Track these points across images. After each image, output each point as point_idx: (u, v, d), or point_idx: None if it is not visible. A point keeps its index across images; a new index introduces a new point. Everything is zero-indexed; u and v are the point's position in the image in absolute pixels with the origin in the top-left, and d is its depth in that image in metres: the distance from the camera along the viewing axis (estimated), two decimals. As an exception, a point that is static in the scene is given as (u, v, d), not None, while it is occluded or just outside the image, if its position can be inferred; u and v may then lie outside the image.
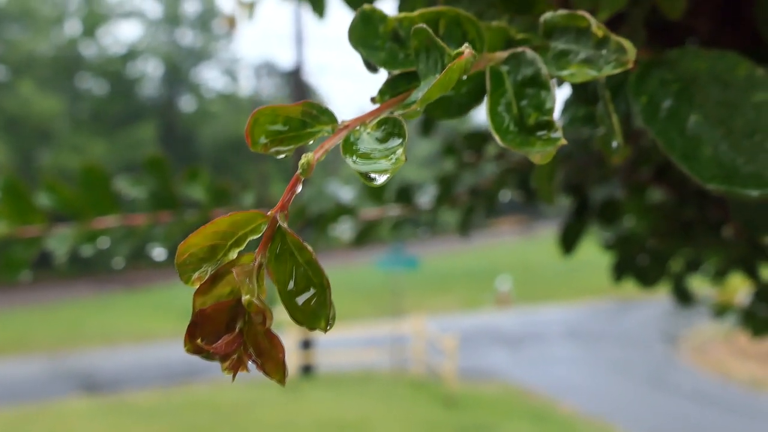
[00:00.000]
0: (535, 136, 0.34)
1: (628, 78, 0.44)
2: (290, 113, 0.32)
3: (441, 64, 0.31)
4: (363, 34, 0.36)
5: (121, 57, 27.22)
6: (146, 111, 27.48)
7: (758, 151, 0.40)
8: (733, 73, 0.43)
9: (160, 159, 1.24)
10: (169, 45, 28.74)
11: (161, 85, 28.92)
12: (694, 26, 0.85)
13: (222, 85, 32.03)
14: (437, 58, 0.32)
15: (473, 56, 0.31)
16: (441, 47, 0.31)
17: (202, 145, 27.56)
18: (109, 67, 26.67)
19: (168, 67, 28.31)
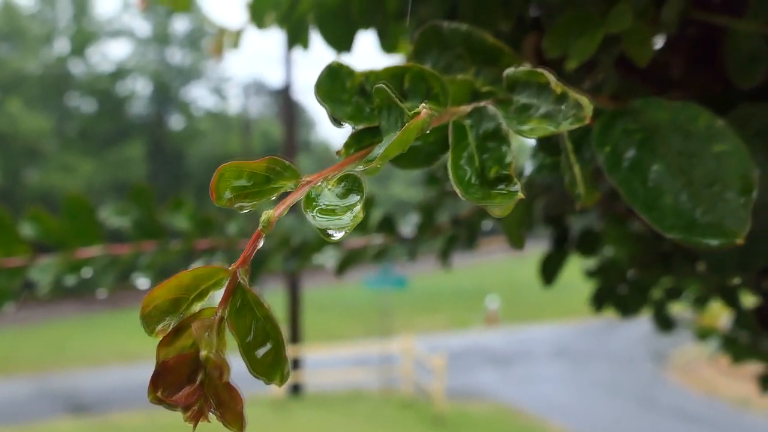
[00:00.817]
0: (495, 190, 0.35)
1: (593, 127, 0.45)
2: (254, 169, 0.33)
3: (401, 122, 0.32)
4: (330, 88, 0.37)
5: (110, 75, 27.25)
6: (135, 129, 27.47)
7: (717, 201, 0.41)
8: (694, 123, 0.44)
9: (144, 189, 1.25)
10: (158, 63, 28.78)
11: (150, 103, 28.93)
12: (671, 62, 0.86)
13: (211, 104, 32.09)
14: (397, 116, 0.32)
15: (430, 116, 0.32)
16: (400, 107, 0.32)
17: (190, 163, 27.55)
18: (98, 86, 26.67)
19: (157, 86, 28.34)
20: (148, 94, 28.87)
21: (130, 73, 28.03)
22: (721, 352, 1.59)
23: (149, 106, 29.05)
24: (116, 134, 26.02)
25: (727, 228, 0.40)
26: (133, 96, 28.34)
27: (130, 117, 28.09)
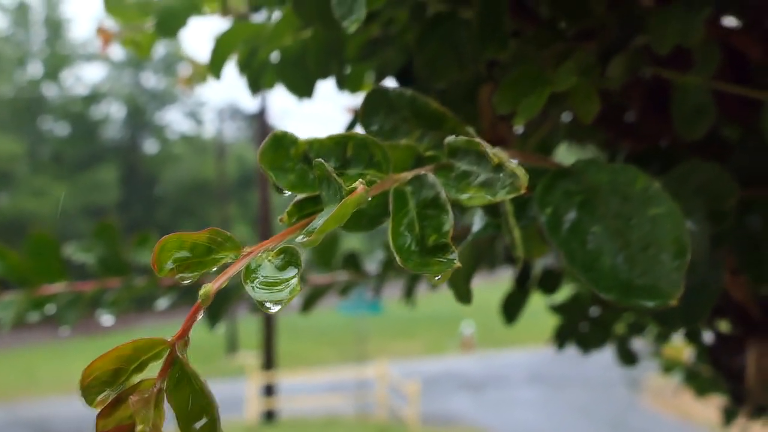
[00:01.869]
0: (433, 258, 0.36)
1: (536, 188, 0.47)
2: (196, 240, 0.34)
3: (339, 195, 0.33)
4: (274, 157, 0.38)
5: (83, 99, 27.12)
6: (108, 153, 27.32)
7: (653, 263, 0.42)
8: (632, 186, 0.45)
9: (109, 225, 1.25)
10: (133, 87, 28.71)
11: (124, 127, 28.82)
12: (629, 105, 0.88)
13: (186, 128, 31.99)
14: (336, 189, 0.34)
15: (366, 191, 0.33)
16: (337, 182, 0.33)
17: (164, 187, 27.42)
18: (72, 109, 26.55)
19: (131, 110, 28.25)
20: (122, 118, 28.77)
21: (104, 97, 27.93)
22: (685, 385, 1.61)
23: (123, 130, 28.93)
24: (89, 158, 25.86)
25: (662, 290, 0.42)
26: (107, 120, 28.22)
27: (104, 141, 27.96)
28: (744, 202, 0.61)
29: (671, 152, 0.67)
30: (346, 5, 0.48)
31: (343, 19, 0.48)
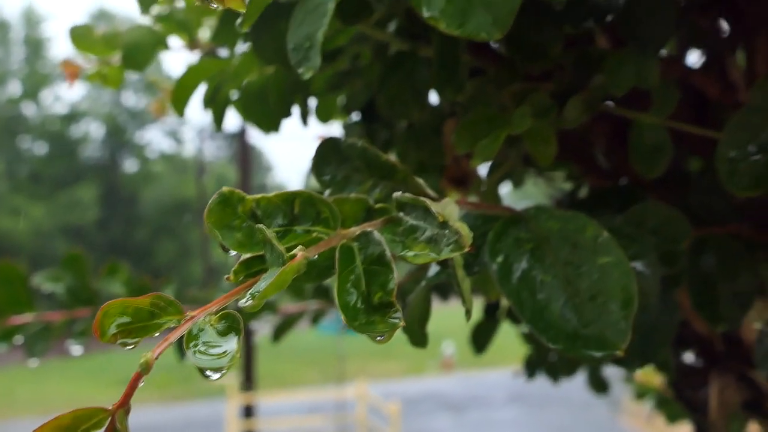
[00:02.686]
0: (378, 316, 0.37)
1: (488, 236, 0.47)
2: (139, 305, 0.34)
3: (281, 261, 0.33)
4: (221, 215, 0.38)
5: (63, 118, 26.98)
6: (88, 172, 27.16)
7: (600, 313, 0.43)
8: (582, 234, 0.46)
9: (78, 255, 1.24)
10: (113, 106, 28.60)
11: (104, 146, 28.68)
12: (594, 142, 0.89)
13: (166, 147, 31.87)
14: (277, 255, 0.34)
15: (305, 258, 0.33)
16: (277, 249, 0.33)
17: (144, 206, 27.26)
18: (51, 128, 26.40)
19: (111, 129, 28.12)
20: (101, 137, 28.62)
21: (84, 116, 27.79)
22: (657, 410, 1.62)
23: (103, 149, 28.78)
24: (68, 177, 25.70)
25: (609, 340, 0.42)
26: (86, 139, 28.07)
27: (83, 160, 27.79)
28: (699, 241, 0.62)
29: (631, 190, 0.68)
30: (302, 52, 0.49)
31: (298, 67, 0.48)
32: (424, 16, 0.47)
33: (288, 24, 0.52)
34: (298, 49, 0.49)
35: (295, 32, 0.49)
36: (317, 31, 0.47)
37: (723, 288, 0.60)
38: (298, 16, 0.50)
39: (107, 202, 26.58)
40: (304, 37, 0.49)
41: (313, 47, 0.48)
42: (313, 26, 0.48)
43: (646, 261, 0.51)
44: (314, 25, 0.48)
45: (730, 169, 0.50)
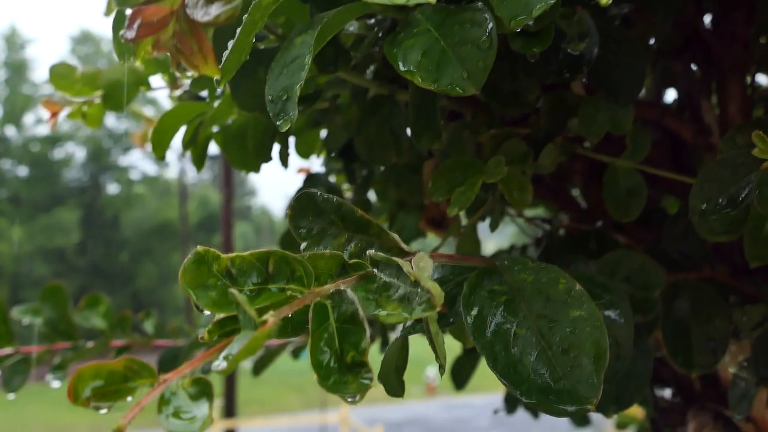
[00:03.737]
0: (350, 376, 0.37)
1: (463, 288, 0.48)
2: (112, 368, 0.34)
3: (253, 325, 0.34)
4: (196, 274, 0.39)
5: (44, 140, 26.86)
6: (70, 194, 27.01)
7: (573, 367, 0.43)
8: (554, 287, 0.46)
9: (57, 288, 1.23)
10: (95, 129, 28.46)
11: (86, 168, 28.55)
12: (573, 179, 0.90)
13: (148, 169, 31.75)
14: (248, 320, 0.34)
15: (276, 325, 0.33)
16: (249, 315, 0.33)
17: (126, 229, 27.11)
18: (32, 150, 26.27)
19: (93, 151, 28.02)
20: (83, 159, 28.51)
21: (66, 139, 27.68)
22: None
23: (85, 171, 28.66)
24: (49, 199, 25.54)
25: (581, 395, 0.42)
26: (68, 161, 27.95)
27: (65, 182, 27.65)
28: (673, 286, 0.63)
29: (605, 235, 0.68)
30: (280, 104, 0.49)
31: (275, 119, 0.49)
32: (400, 70, 0.48)
33: (266, 71, 0.52)
34: (276, 102, 0.49)
35: (273, 84, 0.50)
36: (295, 85, 0.48)
37: (697, 333, 0.61)
38: (275, 68, 0.51)
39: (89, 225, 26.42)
40: (281, 90, 0.49)
41: (290, 100, 0.48)
42: (290, 79, 0.49)
43: (620, 310, 0.52)
44: (292, 78, 0.49)
45: (701, 220, 0.51)
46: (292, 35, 0.52)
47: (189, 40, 0.33)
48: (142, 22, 0.33)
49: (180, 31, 0.33)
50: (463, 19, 0.49)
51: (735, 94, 0.73)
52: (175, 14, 0.33)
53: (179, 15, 0.33)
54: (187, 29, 0.33)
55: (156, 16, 0.33)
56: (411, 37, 0.49)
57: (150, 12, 0.33)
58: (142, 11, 0.33)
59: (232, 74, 0.46)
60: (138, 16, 0.33)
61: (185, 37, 0.33)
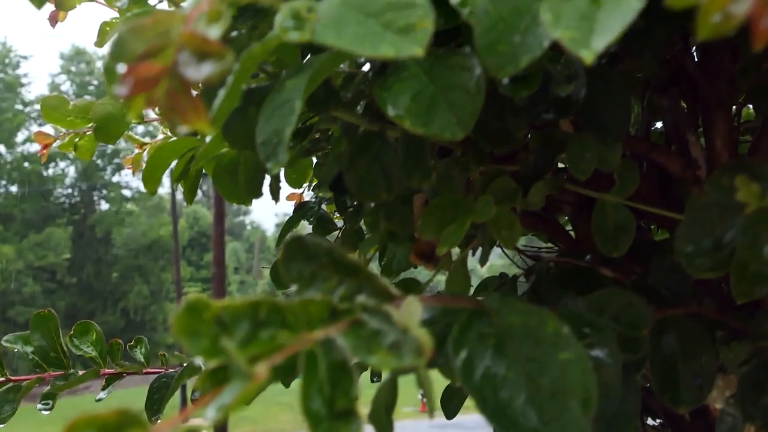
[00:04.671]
0: (341, 423, 0.37)
1: (452, 331, 0.48)
2: (106, 420, 0.34)
3: (245, 377, 0.34)
4: (188, 322, 0.39)
5: (36, 157, 26.81)
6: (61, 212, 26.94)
7: (561, 410, 0.44)
8: (543, 329, 0.47)
9: (47, 315, 1.23)
10: (88, 146, 28.44)
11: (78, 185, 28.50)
12: (563, 209, 0.91)
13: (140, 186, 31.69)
14: (240, 371, 0.34)
15: (269, 375, 0.34)
16: (240, 366, 0.34)
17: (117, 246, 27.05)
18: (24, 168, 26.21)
19: (85, 168, 27.98)
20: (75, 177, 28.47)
21: (58, 156, 27.64)
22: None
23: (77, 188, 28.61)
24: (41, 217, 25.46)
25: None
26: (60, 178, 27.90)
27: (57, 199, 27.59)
28: (660, 322, 0.63)
29: (594, 271, 0.69)
30: (270, 147, 0.50)
31: (266, 161, 0.49)
32: (390, 114, 0.48)
33: (257, 109, 0.53)
34: (267, 144, 0.50)
35: (264, 127, 0.51)
36: (285, 128, 0.48)
37: (684, 369, 0.62)
38: (266, 111, 0.52)
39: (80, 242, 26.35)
40: (272, 133, 0.50)
41: (280, 143, 0.49)
42: (281, 122, 0.49)
43: (608, 350, 0.53)
44: (282, 121, 0.49)
45: (688, 262, 0.52)
46: (284, 78, 0.53)
47: (181, 97, 0.34)
48: (135, 80, 0.33)
49: (172, 89, 0.34)
50: (452, 64, 0.50)
51: (721, 129, 0.74)
52: (167, 72, 0.34)
53: (171, 73, 0.34)
54: (180, 87, 0.34)
55: (148, 73, 0.33)
56: (401, 81, 0.50)
57: (142, 69, 0.33)
58: (135, 69, 0.33)
59: (222, 121, 0.46)
60: (131, 74, 0.33)
61: (177, 95, 0.34)
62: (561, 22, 0.41)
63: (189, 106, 0.34)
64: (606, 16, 0.40)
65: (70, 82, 30.72)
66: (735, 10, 0.34)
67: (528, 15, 0.47)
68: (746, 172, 0.49)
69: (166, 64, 0.34)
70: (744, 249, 0.46)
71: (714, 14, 0.35)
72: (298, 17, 0.41)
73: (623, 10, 0.39)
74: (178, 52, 0.35)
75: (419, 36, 0.39)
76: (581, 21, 0.41)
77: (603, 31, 0.39)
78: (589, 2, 0.42)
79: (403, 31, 0.40)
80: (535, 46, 0.45)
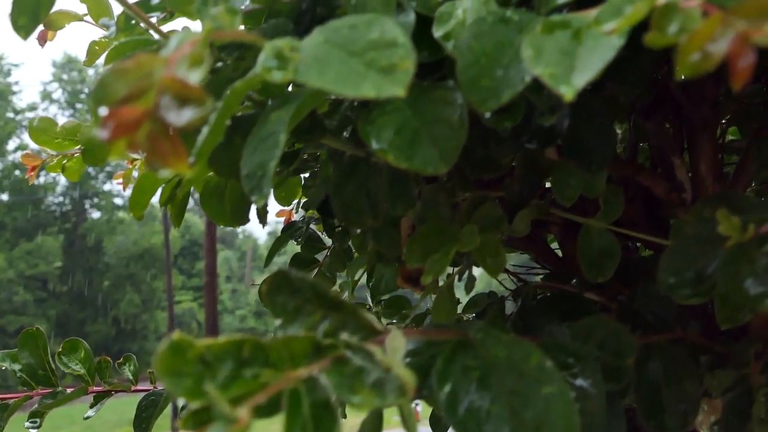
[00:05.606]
0: (324, 464, 0.37)
1: (436, 363, 0.48)
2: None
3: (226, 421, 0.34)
4: (170, 363, 0.39)
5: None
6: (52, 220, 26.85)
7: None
8: (527, 362, 0.47)
9: (35, 333, 1.23)
10: (79, 154, 28.38)
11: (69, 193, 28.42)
12: (549, 228, 0.92)
13: (132, 195, 31.60)
14: (221, 416, 0.34)
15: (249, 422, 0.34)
16: (222, 410, 0.34)
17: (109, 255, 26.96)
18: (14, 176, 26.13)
19: (76, 177, 27.85)
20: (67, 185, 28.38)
21: (49, 164, 27.53)
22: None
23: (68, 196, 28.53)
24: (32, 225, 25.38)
25: (552, 473, 0.43)
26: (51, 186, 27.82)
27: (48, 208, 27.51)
28: (645, 348, 0.64)
29: (580, 298, 0.69)
30: (255, 180, 0.50)
31: (250, 194, 0.50)
32: (373, 148, 0.48)
33: (242, 138, 0.53)
34: (251, 177, 0.50)
35: (249, 159, 0.51)
36: (269, 162, 0.49)
37: (668, 396, 0.62)
38: (251, 143, 0.52)
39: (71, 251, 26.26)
40: (256, 166, 0.50)
41: (265, 176, 0.49)
42: (265, 156, 0.50)
43: (592, 380, 0.53)
44: (267, 155, 0.49)
45: (670, 292, 0.52)
46: (269, 109, 0.53)
47: (162, 141, 0.34)
48: (117, 123, 0.33)
49: (153, 133, 0.34)
50: (435, 97, 0.50)
51: (706, 152, 0.74)
52: (148, 115, 0.34)
53: (153, 116, 0.34)
54: (161, 131, 0.34)
55: (130, 117, 0.33)
56: (384, 114, 0.50)
57: (123, 113, 0.33)
58: (117, 112, 0.33)
59: (206, 157, 0.46)
60: (112, 117, 0.33)
61: (158, 139, 0.34)
62: (542, 58, 0.41)
63: (170, 149, 0.34)
64: (587, 53, 0.40)
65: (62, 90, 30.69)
66: (713, 50, 0.35)
67: (511, 49, 0.47)
68: (728, 204, 0.50)
69: (148, 108, 0.34)
70: (725, 283, 0.47)
71: (693, 53, 0.35)
72: (281, 56, 0.41)
73: (604, 47, 0.40)
74: (160, 95, 0.35)
75: (401, 76, 0.40)
76: (562, 57, 0.41)
77: (583, 68, 0.40)
78: (571, 38, 0.42)
79: (385, 71, 0.40)
80: (517, 81, 0.46)
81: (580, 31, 0.41)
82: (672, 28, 0.35)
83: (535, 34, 0.42)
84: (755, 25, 0.34)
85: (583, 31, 0.41)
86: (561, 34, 0.42)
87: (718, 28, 0.33)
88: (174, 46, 0.37)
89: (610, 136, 0.60)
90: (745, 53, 0.33)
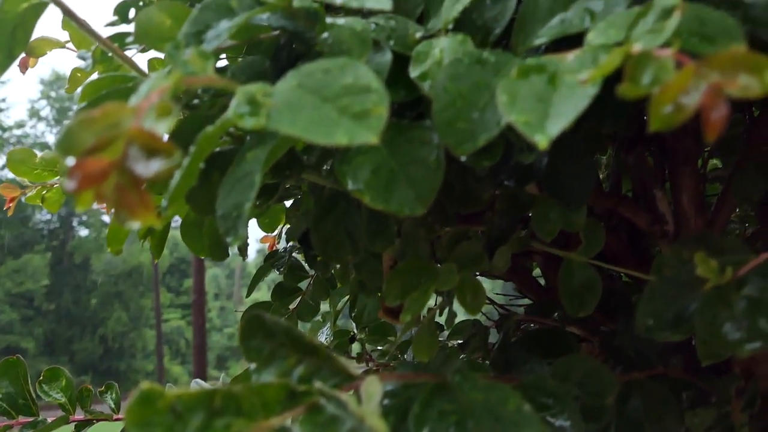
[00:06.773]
0: None
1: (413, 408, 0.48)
2: None
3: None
4: (141, 412, 0.38)
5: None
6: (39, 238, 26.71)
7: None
8: (504, 406, 0.47)
9: (15, 362, 1.21)
10: (67, 172, 28.26)
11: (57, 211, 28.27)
12: (533, 257, 0.91)
13: (120, 212, 31.47)
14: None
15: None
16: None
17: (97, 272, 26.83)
18: (2, 194, 26.01)
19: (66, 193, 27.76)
20: (54, 202, 28.20)
21: (36, 182, 27.43)
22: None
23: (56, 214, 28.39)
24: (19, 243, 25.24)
25: None
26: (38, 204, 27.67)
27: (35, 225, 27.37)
28: (627, 386, 0.63)
29: (561, 333, 0.69)
30: (230, 221, 0.49)
31: (225, 236, 0.49)
32: (350, 188, 0.48)
33: (220, 174, 0.53)
34: (226, 218, 0.50)
35: (224, 200, 0.50)
36: (245, 203, 0.48)
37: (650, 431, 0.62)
38: (227, 183, 0.51)
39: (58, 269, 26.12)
40: (232, 207, 0.49)
41: (240, 218, 0.48)
42: (240, 197, 0.49)
43: (572, 421, 0.52)
44: (242, 196, 0.49)
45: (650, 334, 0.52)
46: (246, 147, 0.52)
47: (130, 192, 0.33)
48: (83, 175, 0.33)
49: (121, 184, 0.33)
50: (412, 137, 0.50)
51: (687, 185, 0.74)
52: (115, 167, 0.33)
53: (120, 168, 0.33)
54: (128, 182, 0.33)
55: (97, 168, 0.33)
56: (361, 154, 0.50)
57: (90, 164, 0.33)
58: (83, 163, 0.33)
59: (180, 200, 0.46)
60: (79, 168, 0.33)
61: (126, 190, 0.33)
62: (516, 104, 0.41)
63: (137, 201, 0.34)
64: (561, 101, 0.40)
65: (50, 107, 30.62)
66: (686, 102, 0.34)
67: (487, 91, 0.47)
68: (706, 245, 0.50)
69: (115, 159, 0.33)
70: (703, 327, 0.46)
71: (665, 105, 0.35)
72: (253, 102, 0.41)
73: (578, 96, 0.39)
74: (127, 146, 0.34)
75: (374, 122, 0.39)
76: (537, 103, 0.41)
77: (558, 115, 0.39)
78: (546, 83, 0.42)
79: (358, 117, 0.40)
80: (493, 124, 0.45)
81: (555, 76, 0.41)
82: (645, 79, 0.35)
83: (510, 78, 0.42)
84: (728, 77, 0.33)
85: (558, 76, 0.41)
86: (536, 78, 0.42)
87: (691, 79, 0.33)
88: (143, 94, 0.37)
89: (590, 173, 0.60)
90: (718, 105, 0.33)
